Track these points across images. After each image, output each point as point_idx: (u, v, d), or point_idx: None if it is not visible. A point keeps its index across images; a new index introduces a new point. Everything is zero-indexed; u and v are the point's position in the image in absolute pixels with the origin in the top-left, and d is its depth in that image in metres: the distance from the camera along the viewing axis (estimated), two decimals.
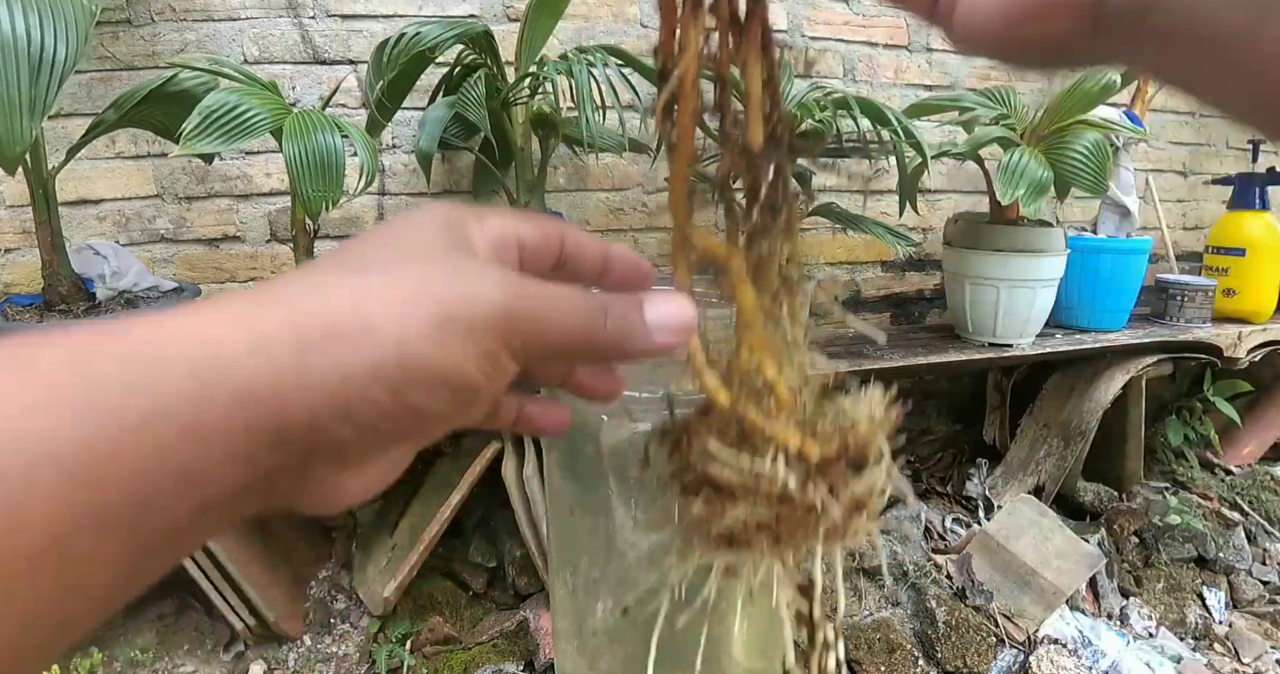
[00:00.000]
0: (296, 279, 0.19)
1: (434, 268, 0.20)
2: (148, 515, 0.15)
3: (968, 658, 0.89)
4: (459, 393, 0.19)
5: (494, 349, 0.19)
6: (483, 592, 0.99)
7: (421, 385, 0.18)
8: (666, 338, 0.23)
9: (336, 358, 0.17)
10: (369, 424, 0.18)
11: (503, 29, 1.08)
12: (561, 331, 0.21)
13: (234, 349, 0.16)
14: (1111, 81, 1.00)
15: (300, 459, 0.18)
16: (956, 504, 1.23)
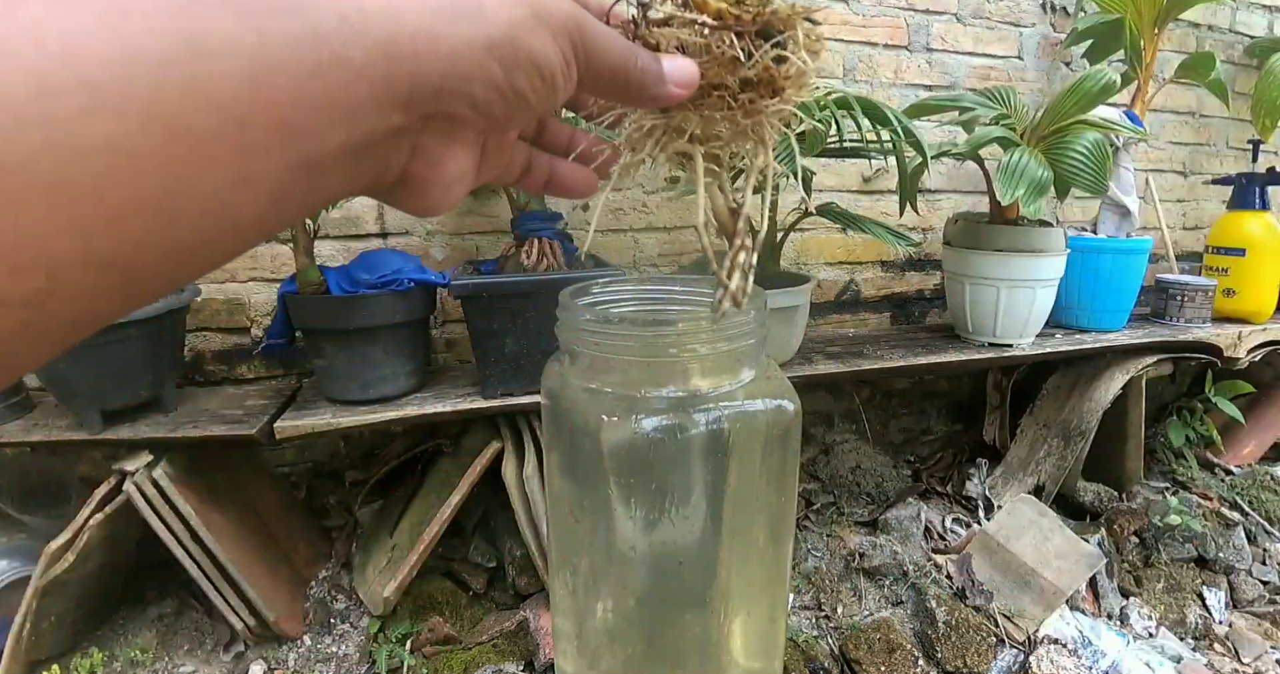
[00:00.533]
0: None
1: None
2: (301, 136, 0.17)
3: (968, 658, 0.89)
4: (547, 82, 0.22)
5: (568, 52, 0.23)
6: (483, 592, 0.99)
7: (523, 68, 0.21)
8: (675, 89, 0.28)
9: (460, 29, 0.20)
10: (482, 99, 0.21)
11: None
12: (610, 54, 0.24)
13: (372, 8, 0.18)
14: (1111, 81, 1.00)
15: (420, 124, 0.20)
16: (956, 504, 1.23)
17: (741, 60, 0.30)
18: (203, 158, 0.15)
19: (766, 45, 0.31)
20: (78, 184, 0.14)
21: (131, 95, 0.14)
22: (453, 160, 0.23)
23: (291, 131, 0.17)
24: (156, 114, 0.14)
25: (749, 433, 0.44)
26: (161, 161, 0.15)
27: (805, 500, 1.22)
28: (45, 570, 0.80)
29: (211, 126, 0.15)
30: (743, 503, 0.46)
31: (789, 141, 0.35)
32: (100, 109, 0.14)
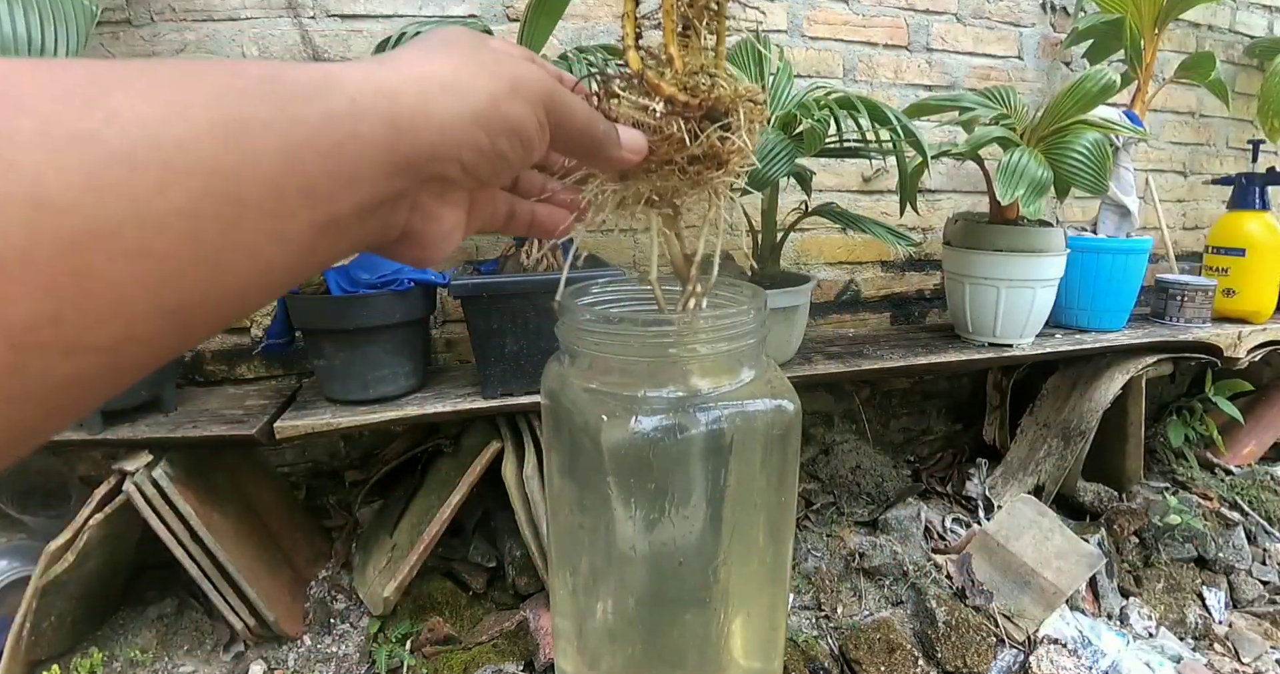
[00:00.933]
0: (401, 56, 0.25)
1: (499, 57, 0.26)
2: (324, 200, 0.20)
3: (968, 658, 0.89)
4: (524, 144, 0.26)
5: (542, 118, 0.27)
6: (483, 592, 0.99)
7: (504, 134, 0.25)
8: (628, 154, 0.33)
9: (449, 104, 0.23)
10: (469, 162, 0.24)
11: (502, 29, 1.08)
12: (577, 118, 0.29)
13: (376, 89, 0.22)
14: (1111, 81, 1.00)
15: (418, 186, 0.24)
16: (956, 504, 1.23)
17: (688, 143, 0.35)
18: (249, 221, 0.18)
19: (713, 127, 0.36)
20: (154, 247, 0.16)
21: (197, 170, 0.17)
22: (446, 216, 0.26)
23: (316, 196, 0.20)
24: (215, 186, 0.17)
25: (749, 433, 0.44)
26: (218, 225, 0.17)
27: (805, 500, 1.22)
28: (45, 570, 0.80)
29: (256, 195, 0.18)
30: (743, 503, 0.46)
31: None
32: (173, 183, 0.16)
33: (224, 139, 0.17)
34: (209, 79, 0.18)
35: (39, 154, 0.14)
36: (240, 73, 0.19)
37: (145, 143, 0.16)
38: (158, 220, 0.16)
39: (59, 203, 0.15)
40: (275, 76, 0.20)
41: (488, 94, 0.24)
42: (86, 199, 0.15)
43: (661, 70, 0.36)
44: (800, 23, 1.25)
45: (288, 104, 0.19)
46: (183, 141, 0.17)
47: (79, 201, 0.15)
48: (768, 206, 1.06)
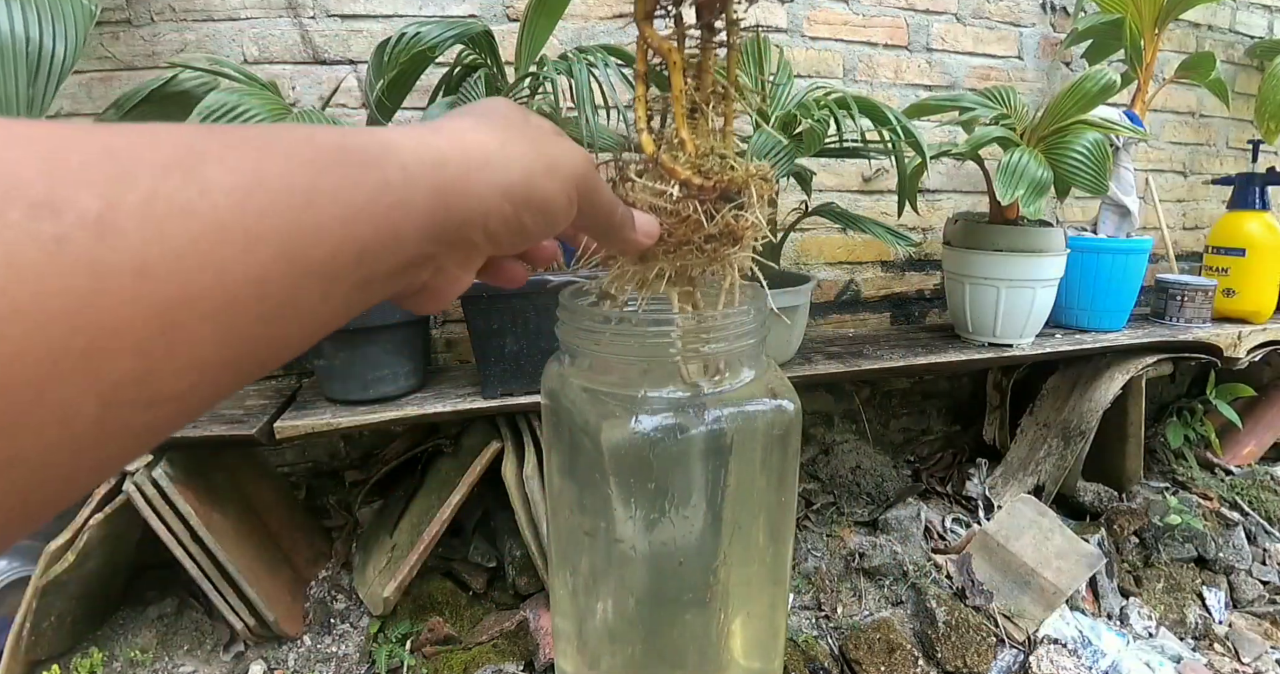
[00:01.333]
0: (453, 124, 0.26)
1: (543, 135, 0.28)
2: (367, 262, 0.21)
3: (968, 658, 0.89)
4: (549, 220, 0.28)
5: (573, 196, 0.29)
6: (483, 592, 0.99)
7: (531, 209, 0.27)
8: (642, 238, 0.35)
9: (487, 177, 0.25)
10: (492, 230, 0.26)
11: (502, 29, 1.08)
12: (603, 201, 0.31)
13: (427, 161, 0.23)
14: (1111, 81, 1.00)
15: (445, 250, 0.25)
16: (956, 504, 1.23)
17: (705, 224, 0.37)
18: (306, 283, 0.20)
19: (728, 207, 0.38)
20: (229, 308, 0.18)
21: (272, 238, 0.18)
22: (462, 278, 0.28)
23: (363, 259, 0.21)
24: (285, 252, 0.19)
25: (749, 433, 0.44)
26: (282, 287, 0.19)
27: (805, 500, 1.22)
28: (45, 570, 0.80)
29: (317, 259, 0.20)
30: (743, 503, 0.46)
31: None
32: (252, 250, 0.18)
33: (297, 208, 0.19)
34: (286, 148, 0.20)
35: (145, 226, 0.16)
36: (313, 141, 0.21)
37: (232, 213, 0.17)
38: (236, 284, 0.17)
39: (158, 273, 0.16)
40: (341, 145, 0.21)
41: (523, 170, 0.26)
42: (180, 267, 0.16)
43: (675, 154, 0.38)
44: (800, 23, 1.25)
45: (351, 173, 0.21)
46: (263, 211, 0.18)
47: (174, 270, 0.16)
48: None
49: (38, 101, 0.65)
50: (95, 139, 0.16)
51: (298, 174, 0.19)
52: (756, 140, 0.83)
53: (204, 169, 0.17)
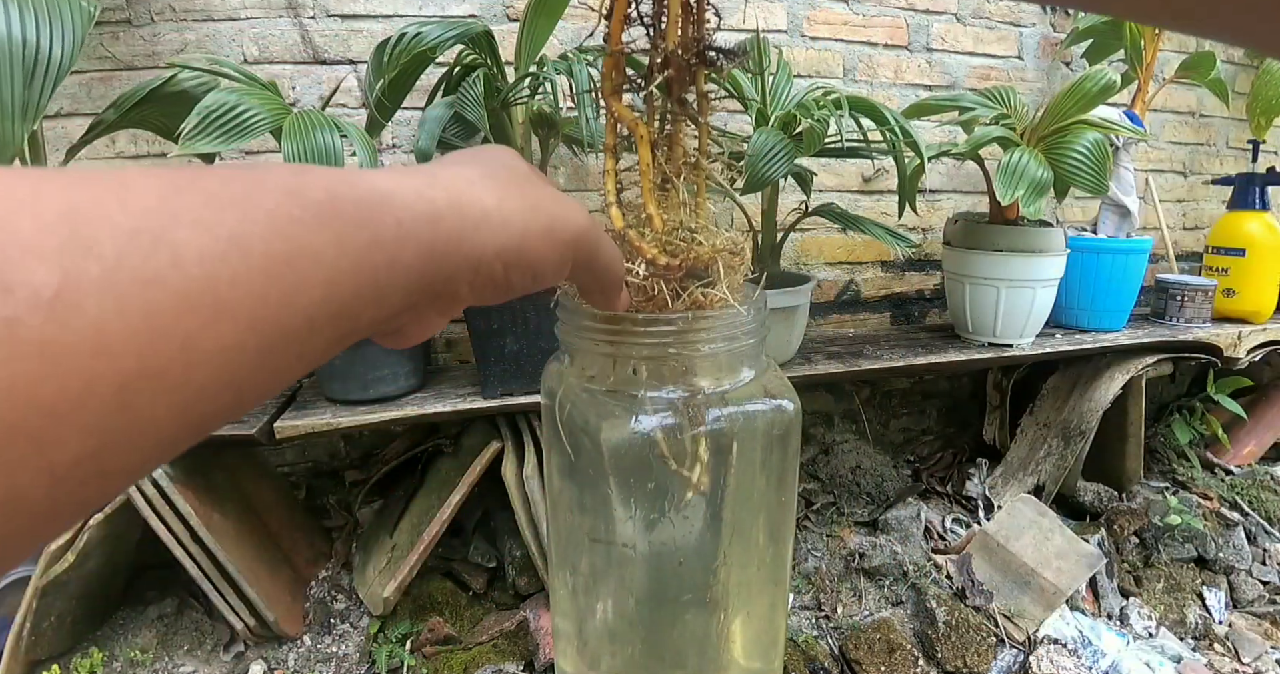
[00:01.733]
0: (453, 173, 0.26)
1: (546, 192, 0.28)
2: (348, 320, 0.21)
3: (968, 658, 0.89)
4: (537, 279, 0.27)
5: (568, 256, 0.28)
6: (483, 592, 0.99)
7: (520, 269, 0.26)
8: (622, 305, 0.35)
9: (482, 236, 0.24)
10: (479, 287, 0.25)
11: (502, 29, 1.08)
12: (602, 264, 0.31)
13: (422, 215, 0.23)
14: (1111, 81, 1.00)
15: (428, 301, 0.24)
16: (956, 504, 1.23)
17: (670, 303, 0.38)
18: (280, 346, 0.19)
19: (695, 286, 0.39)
20: (194, 379, 0.17)
21: (245, 306, 0.17)
22: (439, 323, 0.28)
23: (342, 317, 0.21)
24: (258, 319, 0.18)
25: (749, 433, 0.44)
26: (254, 353, 0.18)
27: (805, 500, 1.22)
28: (45, 570, 0.80)
29: (293, 325, 0.19)
30: (743, 503, 0.46)
31: None
32: (222, 319, 0.17)
33: (275, 273, 0.18)
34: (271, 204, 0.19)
35: (105, 300, 0.15)
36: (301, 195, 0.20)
37: (202, 282, 0.16)
38: (202, 356, 0.17)
39: (117, 349, 0.15)
40: (332, 199, 0.20)
41: (521, 230, 0.26)
42: (141, 342, 0.15)
43: (642, 230, 0.39)
44: (800, 23, 1.25)
45: (340, 231, 0.20)
46: (236, 278, 0.17)
47: (134, 345, 0.15)
48: (768, 207, 1.06)
49: (33, 104, 0.65)
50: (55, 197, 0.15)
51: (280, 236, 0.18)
52: (756, 140, 0.83)
53: (177, 232, 0.16)
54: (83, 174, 0.16)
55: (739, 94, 0.95)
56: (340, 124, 0.77)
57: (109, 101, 0.82)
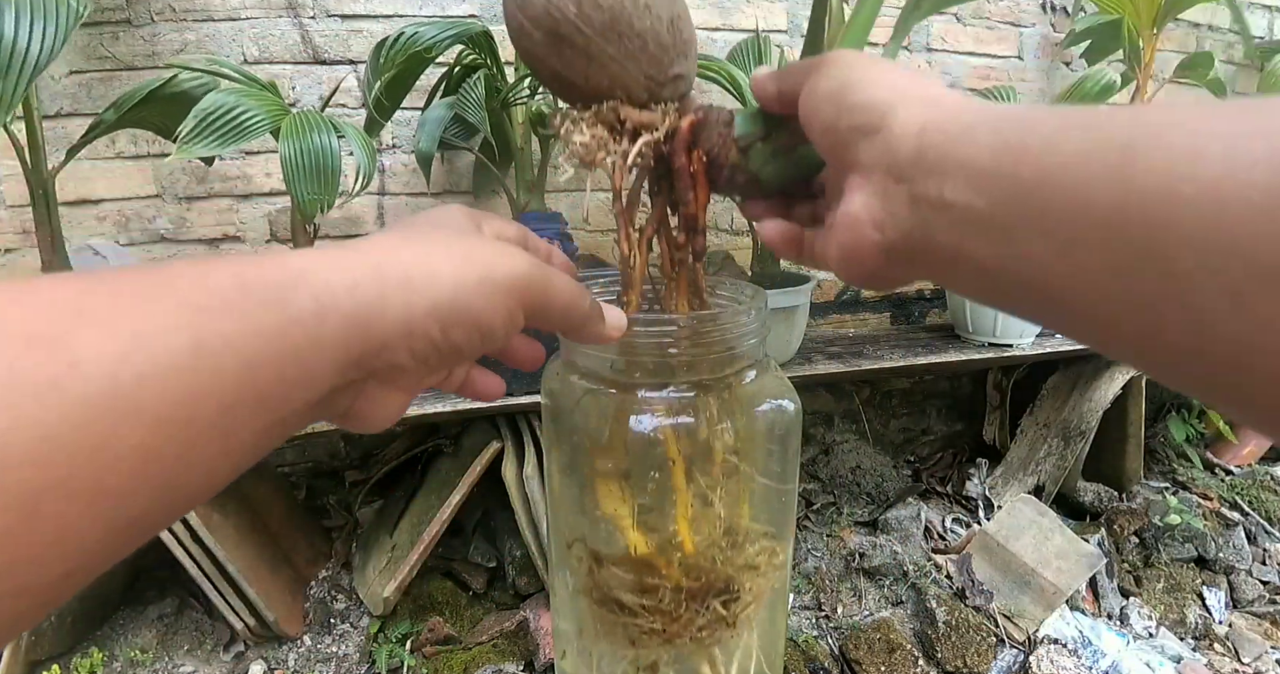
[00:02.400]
0: (374, 242, 0.25)
1: (478, 242, 0.26)
2: (275, 405, 0.20)
3: (968, 658, 0.89)
4: (485, 335, 0.25)
5: (513, 306, 0.26)
6: (483, 592, 0.99)
7: (462, 326, 0.24)
8: (611, 331, 0.33)
9: (408, 297, 0.23)
10: (420, 352, 0.24)
11: (502, 29, 1.08)
12: (558, 303, 0.28)
13: (340, 286, 0.21)
14: (1111, 82, 1.00)
15: (366, 375, 0.23)
16: (956, 504, 1.23)
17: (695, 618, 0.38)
18: (200, 441, 0.18)
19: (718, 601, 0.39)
20: (107, 484, 0.16)
21: (153, 404, 0.17)
22: (391, 400, 0.26)
23: (267, 404, 0.20)
24: (170, 416, 0.17)
25: (749, 433, 0.44)
26: (170, 451, 0.17)
27: (805, 500, 1.22)
28: None
29: (209, 416, 0.18)
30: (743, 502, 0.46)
31: None
32: (129, 421, 0.16)
33: (183, 367, 0.17)
34: (177, 297, 0.18)
35: (1, 410, 0.14)
36: (207, 284, 0.19)
37: (105, 384, 0.16)
38: (112, 459, 0.16)
39: (16, 458, 0.14)
40: (243, 283, 0.20)
41: (452, 283, 0.24)
42: (43, 450, 0.15)
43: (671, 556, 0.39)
44: (800, 23, 1.25)
45: (251, 314, 0.19)
46: (143, 376, 0.16)
47: (36, 454, 0.15)
48: None
49: (6, 98, 0.64)
50: None
51: (185, 326, 0.18)
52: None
53: (77, 335, 0.16)
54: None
55: (739, 94, 0.95)
56: (338, 124, 0.77)
57: (109, 101, 0.82)
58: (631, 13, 0.32)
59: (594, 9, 0.31)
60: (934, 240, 0.24)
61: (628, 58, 0.33)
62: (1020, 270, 0.21)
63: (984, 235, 0.22)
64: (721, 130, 0.36)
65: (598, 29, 0.32)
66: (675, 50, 0.34)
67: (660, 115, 0.36)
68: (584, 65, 0.33)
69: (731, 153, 0.36)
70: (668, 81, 0.35)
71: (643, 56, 0.33)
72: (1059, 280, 0.20)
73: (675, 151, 0.36)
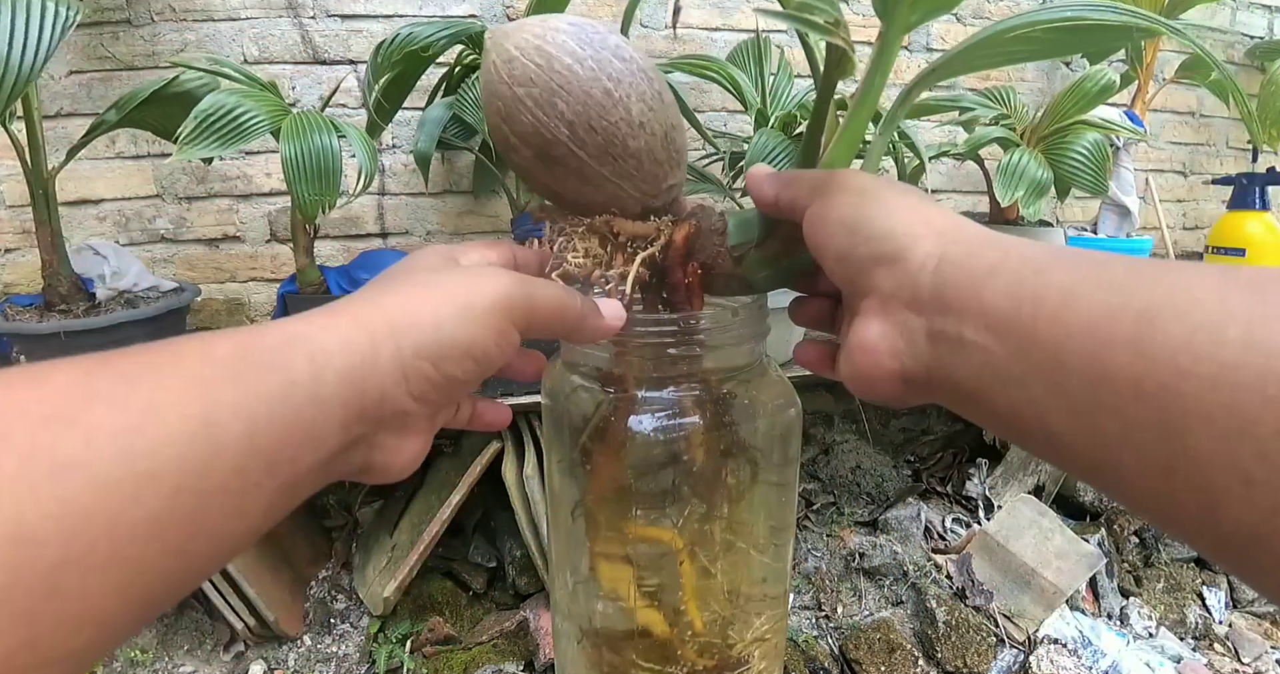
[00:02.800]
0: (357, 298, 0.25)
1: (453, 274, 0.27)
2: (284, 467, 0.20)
3: (968, 658, 0.89)
4: (479, 361, 0.26)
5: (501, 325, 0.26)
6: (483, 592, 0.99)
7: (453, 359, 0.25)
8: (610, 322, 0.33)
9: (396, 342, 0.23)
10: (420, 393, 0.24)
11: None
12: (547, 307, 0.28)
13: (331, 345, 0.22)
14: (1111, 81, 1.00)
15: (374, 428, 0.24)
16: (956, 504, 1.23)
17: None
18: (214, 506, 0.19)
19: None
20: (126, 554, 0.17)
21: (166, 473, 0.17)
22: (407, 447, 0.26)
23: (277, 466, 0.20)
24: (183, 485, 0.18)
25: (749, 433, 0.44)
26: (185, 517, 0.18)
27: (805, 500, 1.22)
28: None
29: (221, 479, 0.19)
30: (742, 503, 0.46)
31: None
32: (145, 491, 0.17)
33: (192, 434, 0.18)
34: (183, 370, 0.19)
35: (20, 489, 0.15)
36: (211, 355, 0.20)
37: (119, 458, 0.16)
38: (129, 530, 0.16)
39: (38, 537, 0.15)
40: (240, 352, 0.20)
41: (432, 322, 0.24)
42: (64, 526, 0.15)
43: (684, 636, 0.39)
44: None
45: (253, 379, 0.20)
46: (154, 448, 0.17)
47: (57, 530, 0.15)
48: None
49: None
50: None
51: (194, 398, 0.18)
52: (757, 141, 0.83)
53: (90, 413, 0.17)
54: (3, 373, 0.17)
55: (739, 94, 0.95)
56: (339, 125, 0.77)
57: (109, 102, 0.82)
58: (626, 133, 0.31)
59: (587, 132, 0.30)
60: (953, 378, 0.25)
61: (622, 177, 0.32)
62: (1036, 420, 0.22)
63: (1002, 382, 0.23)
64: (716, 240, 0.35)
65: (592, 153, 0.31)
66: (669, 163, 0.33)
67: (655, 228, 0.35)
68: (577, 184, 0.32)
69: (726, 263, 0.36)
70: (661, 193, 0.34)
71: (638, 175, 0.33)
72: (1074, 438, 0.20)
73: (671, 267, 0.36)
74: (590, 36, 0.30)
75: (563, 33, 0.30)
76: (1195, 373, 0.17)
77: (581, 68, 0.29)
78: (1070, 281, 0.21)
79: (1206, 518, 0.17)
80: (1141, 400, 0.18)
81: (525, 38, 0.30)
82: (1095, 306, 0.20)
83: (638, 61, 0.31)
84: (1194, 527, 0.18)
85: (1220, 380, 0.17)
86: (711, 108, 1.24)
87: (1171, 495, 0.18)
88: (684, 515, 0.40)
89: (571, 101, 0.30)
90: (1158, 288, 0.19)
